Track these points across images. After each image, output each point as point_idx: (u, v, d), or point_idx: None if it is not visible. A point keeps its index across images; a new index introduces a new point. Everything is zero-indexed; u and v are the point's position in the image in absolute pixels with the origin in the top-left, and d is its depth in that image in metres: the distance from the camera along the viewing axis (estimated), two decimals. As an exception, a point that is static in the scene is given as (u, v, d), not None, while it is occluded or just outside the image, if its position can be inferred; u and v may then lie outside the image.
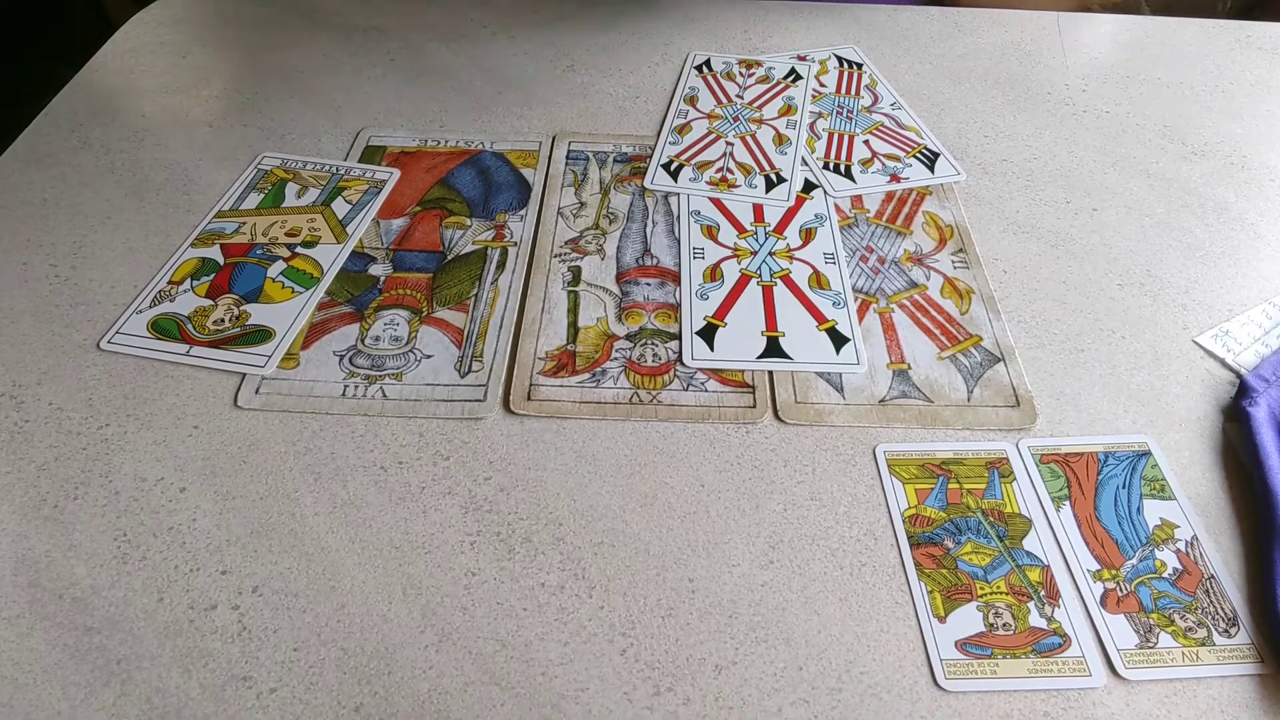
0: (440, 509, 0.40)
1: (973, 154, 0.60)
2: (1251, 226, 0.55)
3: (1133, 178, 0.58)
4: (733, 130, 0.62)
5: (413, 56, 0.69)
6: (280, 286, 0.50)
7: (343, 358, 0.46)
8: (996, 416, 0.44)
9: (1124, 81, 0.68)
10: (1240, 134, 0.62)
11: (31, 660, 0.34)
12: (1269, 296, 0.50)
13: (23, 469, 0.41)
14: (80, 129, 0.61)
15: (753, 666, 0.35)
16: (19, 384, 0.44)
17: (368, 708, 0.33)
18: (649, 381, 0.45)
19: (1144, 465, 0.42)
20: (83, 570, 0.37)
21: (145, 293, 0.49)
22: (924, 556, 0.38)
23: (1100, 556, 0.38)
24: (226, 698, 0.33)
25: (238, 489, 0.40)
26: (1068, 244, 0.53)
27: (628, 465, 0.42)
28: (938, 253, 0.53)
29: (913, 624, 0.36)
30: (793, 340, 0.47)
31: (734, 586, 0.37)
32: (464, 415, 0.43)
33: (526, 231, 0.54)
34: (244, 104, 0.64)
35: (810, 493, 0.41)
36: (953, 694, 0.34)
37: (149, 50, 0.69)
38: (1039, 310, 0.49)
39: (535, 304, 0.49)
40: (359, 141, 0.60)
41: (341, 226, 0.54)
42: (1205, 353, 0.47)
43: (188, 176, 0.57)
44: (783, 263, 0.52)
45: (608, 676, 0.34)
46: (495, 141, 0.61)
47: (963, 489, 0.41)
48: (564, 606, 0.36)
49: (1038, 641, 0.36)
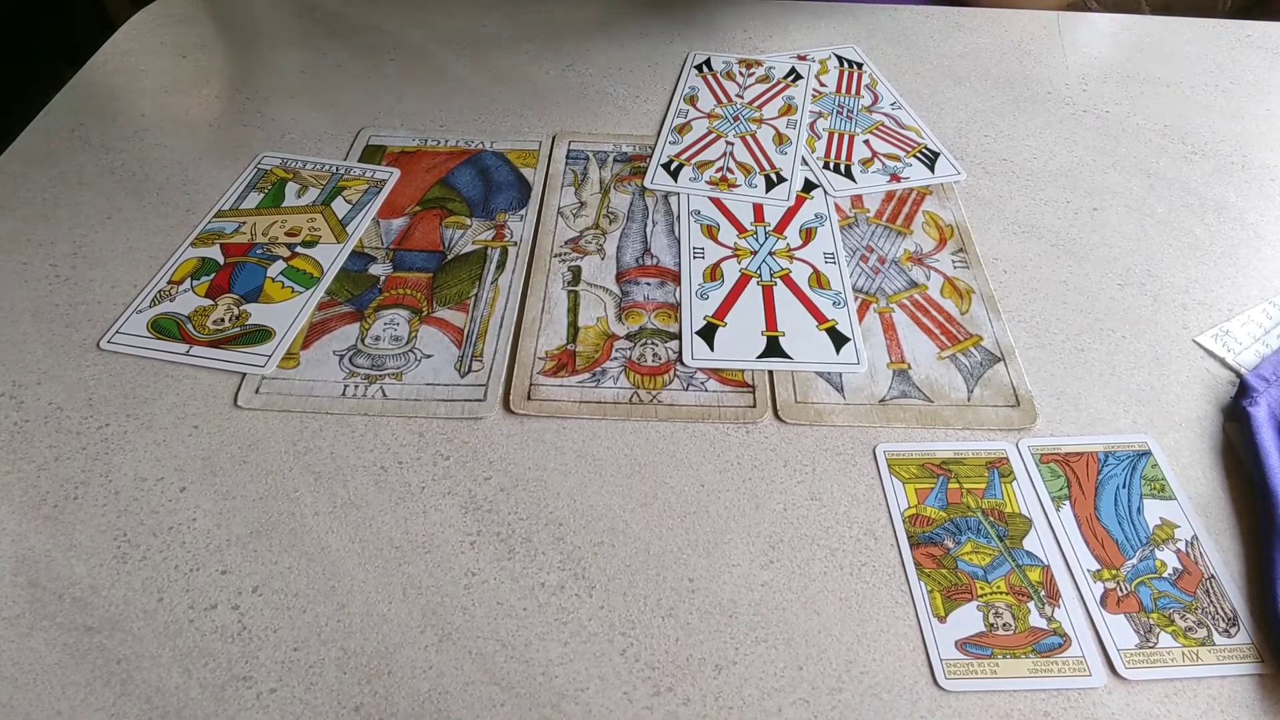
0: (440, 509, 0.40)
1: (973, 154, 0.60)
2: (1251, 226, 0.55)
3: (1133, 178, 0.58)
4: (733, 130, 0.62)
5: (413, 56, 0.69)
6: (280, 286, 0.50)
7: (343, 357, 0.46)
8: (996, 416, 0.44)
9: (1124, 81, 0.68)
10: (1240, 134, 0.62)
11: (31, 660, 0.34)
12: (1269, 296, 0.50)
13: (23, 469, 0.41)
14: (80, 129, 0.61)
15: (753, 666, 0.35)
16: (19, 384, 0.44)
17: (368, 708, 0.33)
18: (649, 381, 0.45)
19: (1144, 465, 0.42)
20: (83, 570, 0.37)
21: (145, 292, 0.49)
22: (924, 556, 0.38)
23: (1100, 556, 0.38)
24: (226, 698, 0.33)
25: (238, 489, 0.40)
26: (1068, 244, 0.53)
27: (628, 465, 0.42)
28: (938, 252, 0.53)
29: (913, 624, 0.36)
30: (793, 340, 0.47)
31: (734, 586, 0.37)
32: (464, 415, 0.43)
33: (526, 231, 0.54)
34: (244, 104, 0.64)
35: (810, 493, 0.41)
36: (953, 694, 0.34)
37: (149, 50, 0.69)
38: (1039, 310, 0.49)
39: (535, 304, 0.49)
40: (359, 141, 0.60)
41: (341, 226, 0.54)
42: (1205, 352, 0.47)
43: (188, 176, 0.57)
44: (783, 262, 0.52)
45: (608, 676, 0.34)
46: (495, 141, 0.61)
47: (963, 489, 0.41)
48: (564, 606, 0.36)
49: (1038, 641, 0.36)
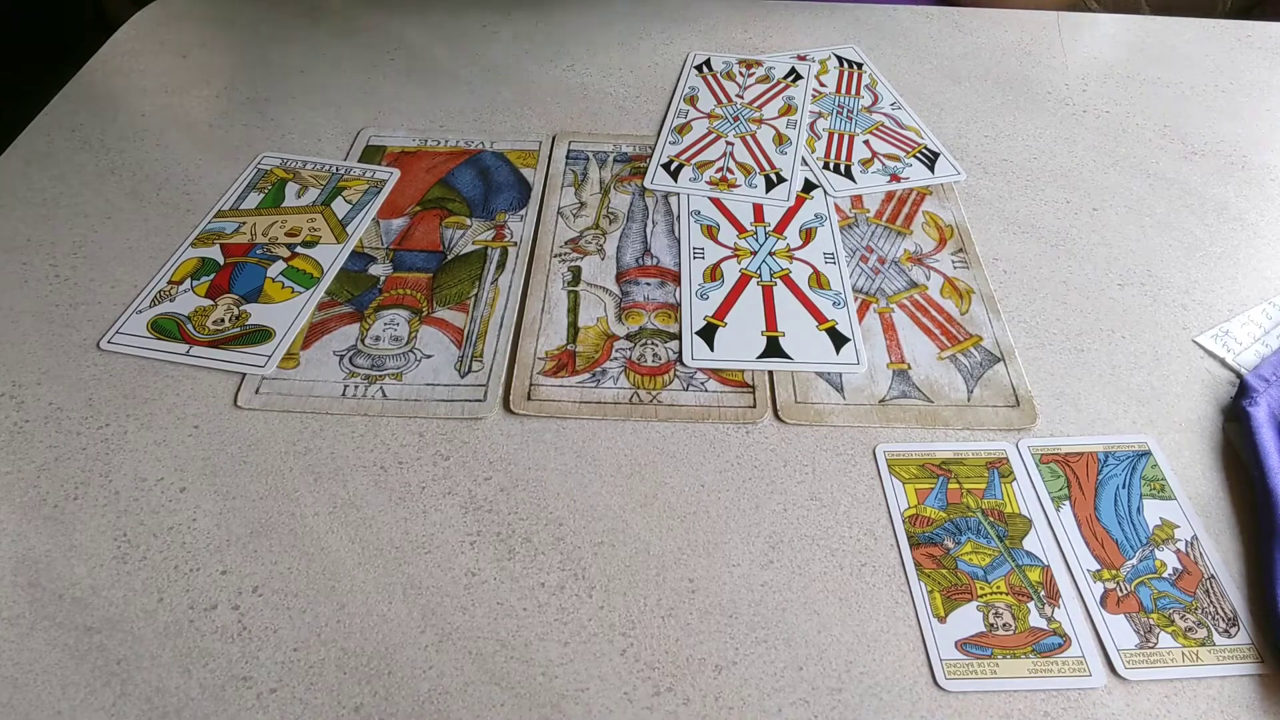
0: (440, 509, 0.40)
1: (973, 154, 0.60)
2: (1251, 226, 0.55)
3: (1133, 178, 0.58)
4: (733, 130, 0.62)
5: (413, 56, 0.69)
6: (280, 286, 0.50)
7: (343, 358, 0.46)
8: (996, 416, 0.44)
9: (1124, 81, 0.68)
10: (1240, 134, 0.62)
11: (31, 660, 0.34)
12: (1269, 296, 0.50)
13: (23, 469, 0.41)
14: (80, 129, 0.61)
15: (753, 666, 0.35)
16: (19, 384, 0.44)
17: (368, 708, 0.33)
18: (649, 381, 0.45)
19: (1144, 465, 0.42)
20: (83, 570, 0.37)
21: (145, 292, 0.49)
22: (924, 556, 0.38)
23: (1100, 556, 0.38)
24: (226, 698, 0.33)
25: (238, 489, 0.40)
26: (1068, 244, 0.53)
27: (628, 465, 0.42)
28: (938, 253, 0.53)
29: (913, 624, 0.36)
30: (793, 340, 0.47)
31: (734, 586, 0.37)
32: (464, 415, 0.43)
33: (526, 231, 0.54)
34: (244, 104, 0.64)
35: (810, 493, 0.41)
36: (953, 694, 0.34)
37: (149, 50, 0.69)
38: (1039, 310, 0.49)
39: (535, 304, 0.49)
40: (359, 141, 0.60)
41: (341, 226, 0.54)
42: (1205, 353, 0.47)
43: (188, 176, 0.57)
44: (783, 262, 0.52)
45: (608, 676, 0.34)
46: (495, 141, 0.61)
47: (963, 489, 0.41)
48: (564, 606, 0.36)
49: (1038, 641, 0.36)
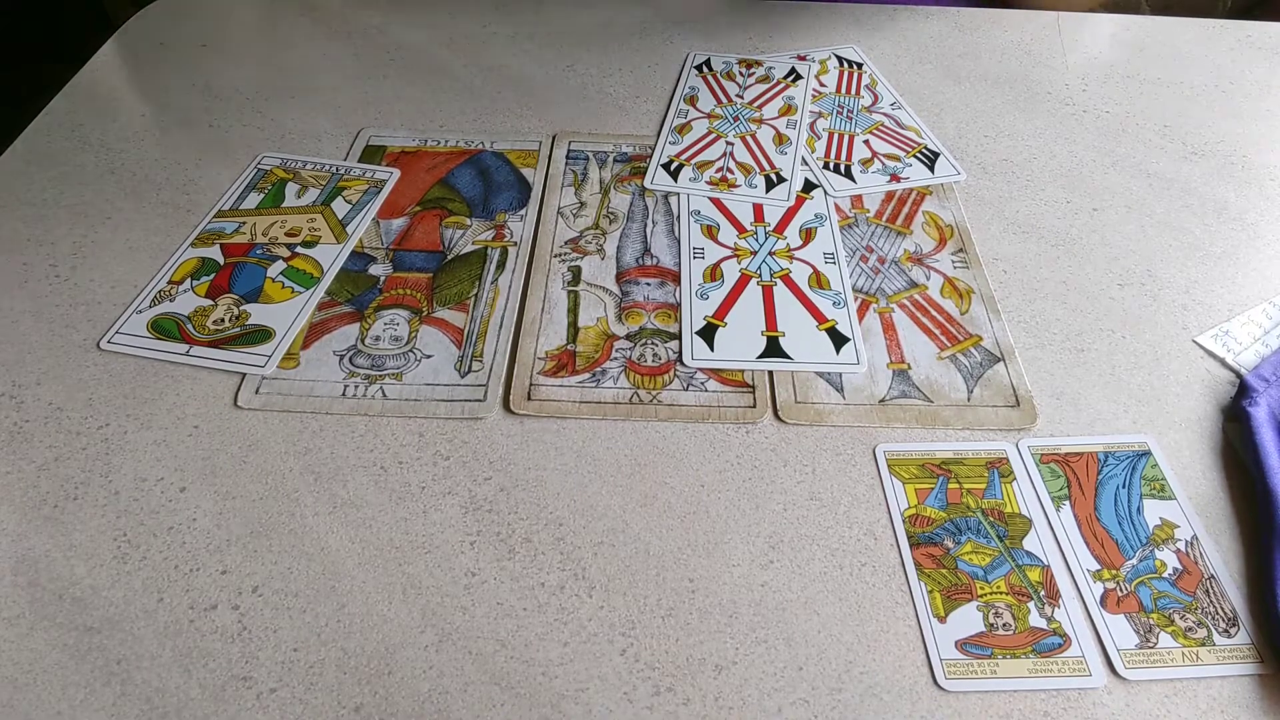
0: (440, 509, 0.40)
1: (973, 154, 0.60)
2: (1251, 226, 0.55)
3: (1133, 178, 0.58)
4: (733, 130, 0.62)
5: (413, 56, 0.69)
6: (280, 286, 0.50)
7: (343, 358, 0.46)
8: (996, 416, 0.44)
9: (1124, 81, 0.68)
10: (1240, 134, 0.62)
11: (31, 660, 0.34)
12: (1269, 296, 0.50)
13: (23, 469, 0.41)
14: (80, 129, 0.61)
15: (753, 666, 0.35)
16: (19, 384, 0.44)
17: (368, 708, 0.33)
18: (649, 381, 0.45)
19: (1144, 465, 0.42)
20: (83, 570, 0.37)
21: (145, 293, 0.49)
22: (924, 556, 0.38)
23: (1100, 556, 0.38)
24: (226, 698, 0.33)
25: (238, 489, 0.40)
26: (1068, 244, 0.53)
27: (628, 465, 0.42)
28: (938, 253, 0.53)
29: (913, 624, 0.36)
30: (793, 340, 0.47)
31: (734, 586, 0.37)
32: (464, 415, 0.43)
33: (526, 231, 0.54)
34: (244, 104, 0.64)
35: (810, 493, 0.41)
36: (953, 694, 0.34)
37: (149, 50, 0.69)
38: (1039, 310, 0.49)
39: (535, 304, 0.49)
40: (359, 141, 0.60)
41: (341, 226, 0.54)
42: (1205, 353, 0.47)
43: (188, 176, 0.57)
44: (783, 262, 0.52)
45: (608, 676, 0.34)
46: (495, 141, 0.61)
47: (963, 489, 0.41)
48: (564, 606, 0.36)
49: (1038, 641, 0.36)
